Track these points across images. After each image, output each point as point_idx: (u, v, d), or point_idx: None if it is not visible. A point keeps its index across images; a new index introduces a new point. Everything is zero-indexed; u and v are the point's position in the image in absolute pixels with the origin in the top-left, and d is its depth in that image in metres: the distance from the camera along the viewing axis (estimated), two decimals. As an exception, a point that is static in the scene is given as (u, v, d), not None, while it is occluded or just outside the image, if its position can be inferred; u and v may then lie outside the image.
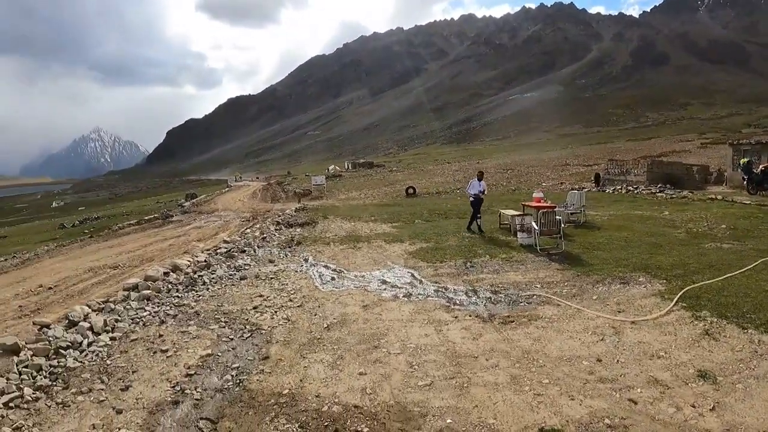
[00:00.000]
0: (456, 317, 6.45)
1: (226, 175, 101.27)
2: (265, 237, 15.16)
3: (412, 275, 9.18)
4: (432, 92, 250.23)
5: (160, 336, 6.54)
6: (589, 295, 7.18)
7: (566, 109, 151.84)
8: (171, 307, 7.88)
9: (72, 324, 7.35)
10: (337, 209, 22.78)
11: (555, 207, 13.05)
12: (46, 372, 5.70)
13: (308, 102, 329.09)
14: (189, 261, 11.48)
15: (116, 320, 7.41)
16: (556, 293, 7.34)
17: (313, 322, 6.69)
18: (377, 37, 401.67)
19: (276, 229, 16.88)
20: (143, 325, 7.15)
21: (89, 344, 6.50)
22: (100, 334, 6.90)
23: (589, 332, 5.74)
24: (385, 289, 8.25)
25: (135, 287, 9.13)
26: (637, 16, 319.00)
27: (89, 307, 8.11)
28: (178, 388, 4.90)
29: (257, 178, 77.88)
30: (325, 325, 6.48)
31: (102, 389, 5.07)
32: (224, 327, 6.68)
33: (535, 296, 7.27)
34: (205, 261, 11.67)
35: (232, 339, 6.21)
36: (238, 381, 4.97)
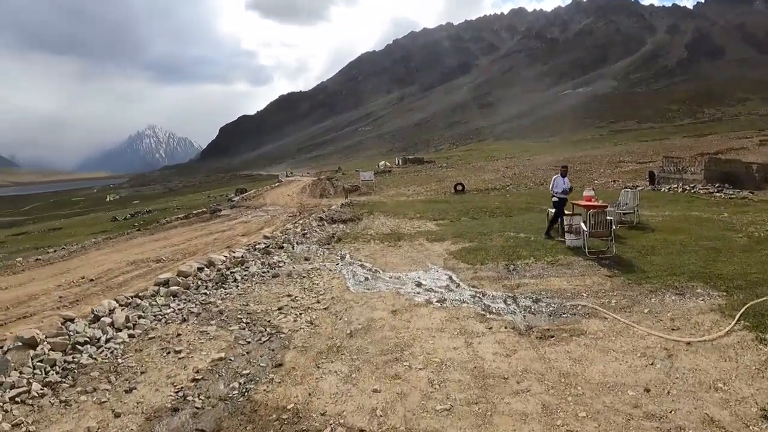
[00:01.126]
0: (490, 328, 5.87)
1: (278, 171, 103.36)
2: (306, 233, 15.02)
3: (450, 278, 8.68)
4: (483, 88, 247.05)
5: (178, 335, 6.37)
6: (640, 308, 6.41)
7: (620, 104, 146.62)
8: (196, 305, 7.75)
9: (96, 318, 7.35)
10: (383, 205, 22.48)
11: (606, 206, 12.20)
12: (59, 367, 5.66)
13: (359, 98, 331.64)
14: (225, 257, 11.45)
15: (139, 316, 7.34)
16: (603, 304, 6.61)
17: (337, 327, 6.32)
18: (427, 32, 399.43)
19: (318, 225, 16.73)
20: (165, 322, 7.03)
21: (107, 340, 6.42)
22: (120, 330, 6.83)
23: (638, 354, 5.02)
24: (418, 293, 7.79)
25: (166, 283, 9.11)
26: (692, 8, 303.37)
27: (117, 301, 8.12)
28: (181, 394, 4.66)
29: (308, 173, 78.62)
30: (349, 332, 6.08)
31: (107, 389, 4.93)
32: (244, 328, 6.43)
33: (579, 307, 6.56)
34: (242, 257, 11.61)
35: (249, 342, 5.94)
36: (244, 390, 4.67)
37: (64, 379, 5.27)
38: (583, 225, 10.02)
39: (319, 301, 7.60)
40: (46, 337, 6.54)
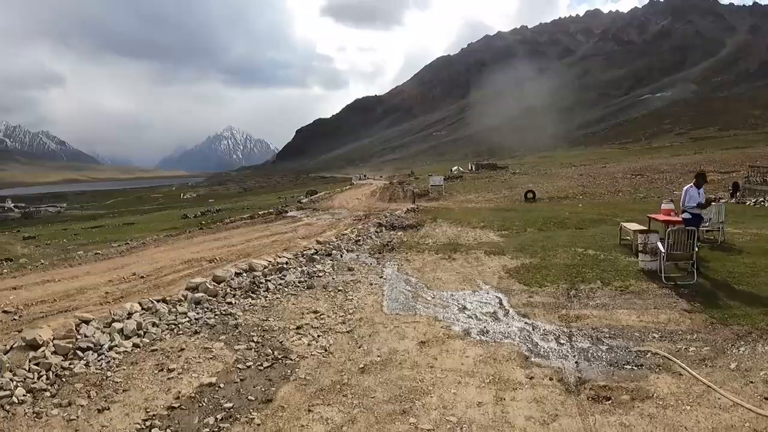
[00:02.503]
0: (531, 378, 4.80)
1: (352, 173, 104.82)
2: (360, 240, 14.40)
3: (500, 302, 7.64)
4: (558, 92, 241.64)
5: (182, 350, 5.87)
6: (725, 361, 5.06)
7: (700, 109, 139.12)
8: (216, 315, 7.26)
9: (113, 322, 7.10)
10: (449, 212, 21.61)
11: None
12: (52, 373, 5.39)
13: (434, 102, 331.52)
14: (267, 262, 11.00)
15: (154, 323, 6.96)
16: (678, 352, 5.30)
17: (351, 357, 5.53)
18: (501, 36, 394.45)
19: (376, 231, 16.08)
20: (176, 333, 6.59)
21: (110, 348, 6.08)
22: (130, 338, 6.47)
23: (716, 436, 3.71)
24: (458, 320, 6.84)
25: (196, 288, 8.80)
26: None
27: (141, 305, 7.84)
28: (149, 424, 4.13)
29: (381, 177, 78.84)
30: (362, 365, 5.27)
31: (82, 405, 4.55)
32: (251, 349, 5.80)
33: (649, 355, 5.30)
34: (286, 263, 11.16)
35: (249, 366, 5.29)
36: (216, 429, 4.02)
37: (50, 387, 4.97)
38: (660, 244, 8.55)
39: (345, 321, 6.86)
40: (53, 339, 6.33)
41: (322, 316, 7.10)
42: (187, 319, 7.14)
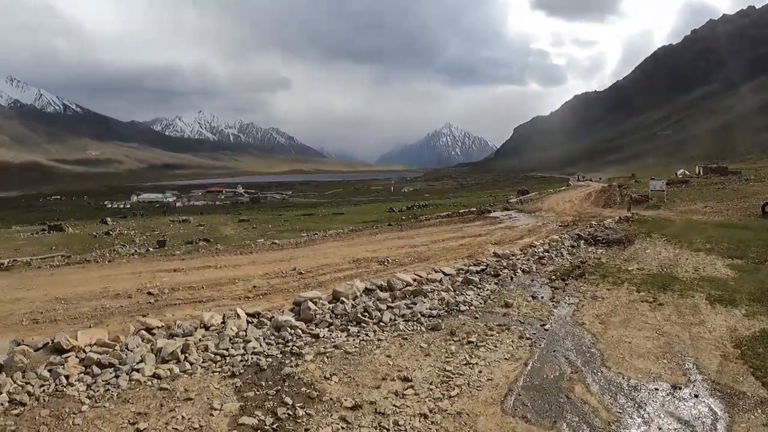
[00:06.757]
0: None
1: (570, 174, 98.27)
2: (545, 257, 11.23)
3: (712, 425, 4.08)
4: None
5: (188, 399, 4.37)
6: None
7: None
8: (279, 353, 5.44)
9: (171, 335, 5.87)
10: (667, 225, 17.34)
11: None
12: (53, 386, 4.56)
13: (656, 98, 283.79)
14: (412, 278, 8.89)
15: (205, 348, 5.46)
16: None
17: None
18: (727, 19, 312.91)
19: (571, 246, 12.77)
20: (213, 369, 5.05)
21: (130, 371, 4.86)
22: (167, 361, 5.16)
23: None
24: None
25: (299, 304, 7.12)
26: None
27: (223, 317, 6.60)
28: None
29: (600, 178, 72.87)
30: None
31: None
32: (257, 430, 3.81)
33: None
34: (440, 281, 8.92)
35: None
36: None
37: (19, 407, 4.19)
38: None
39: (429, 413, 4.17)
40: (93, 344, 5.39)
41: (406, 391, 4.55)
42: (242, 351, 5.41)
